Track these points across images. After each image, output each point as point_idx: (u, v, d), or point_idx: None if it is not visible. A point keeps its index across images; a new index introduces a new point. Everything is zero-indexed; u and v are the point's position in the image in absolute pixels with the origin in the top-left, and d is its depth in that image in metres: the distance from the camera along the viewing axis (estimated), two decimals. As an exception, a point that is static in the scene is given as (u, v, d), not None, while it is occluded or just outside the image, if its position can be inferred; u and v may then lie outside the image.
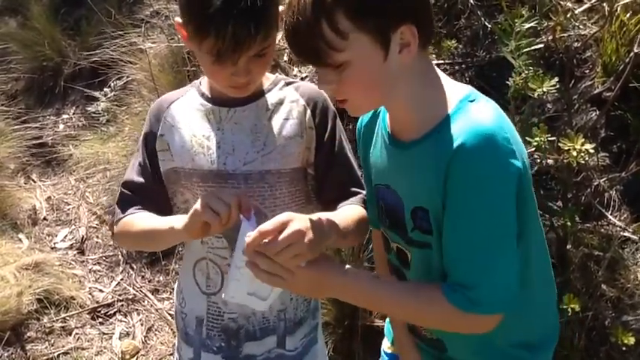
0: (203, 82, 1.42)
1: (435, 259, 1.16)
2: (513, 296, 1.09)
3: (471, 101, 1.10)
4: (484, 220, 1.06)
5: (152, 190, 1.41)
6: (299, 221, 1.10)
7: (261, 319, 1.44)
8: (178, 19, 1.28)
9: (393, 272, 1.32)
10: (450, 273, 1.12)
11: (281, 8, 1.27)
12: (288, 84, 1.42)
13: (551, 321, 1.33)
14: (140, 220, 1.37)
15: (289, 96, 1.40)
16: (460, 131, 1.05)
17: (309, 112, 1.38)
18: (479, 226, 1.06)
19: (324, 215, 1.22)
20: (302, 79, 3.19)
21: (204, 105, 1.39)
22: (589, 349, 2.05)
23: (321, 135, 1.39)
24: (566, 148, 1.42)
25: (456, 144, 1.04)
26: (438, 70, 1.17)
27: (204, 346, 1.47)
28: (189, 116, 1.39)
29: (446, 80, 1.16)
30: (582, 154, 1.39)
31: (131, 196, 1.41)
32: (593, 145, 1.42)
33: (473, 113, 1.07)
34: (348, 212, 1.34)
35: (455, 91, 1.14)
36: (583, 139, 1.41)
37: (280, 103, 1.39)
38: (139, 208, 1.39)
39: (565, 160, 1.48)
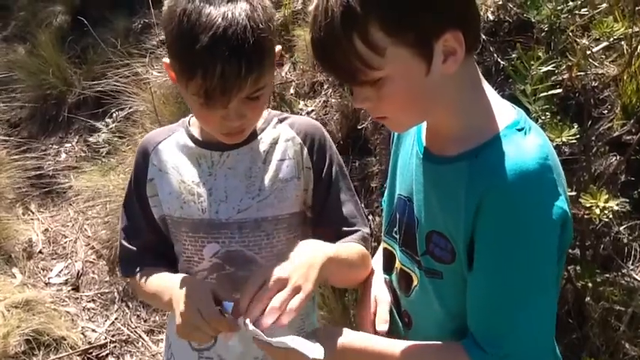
0: (192, 122, 1.31)
1: (443, 291, 1.05)
2: (550, 348, 1.00)
3: (520, 130, 0.98)
4: (521, 271, 0.96)
5: (151, 246, 1.31)
6: (276, 271, 1.03)
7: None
8: (166, 60, 1.18)
9: (390, 295, 1.20)
10: (475, 326, 1.00)
11: (278, 47, 1.17)
12: (281, 120, 1.31)
13: None
14: (149, 282, 1.28)
15: (284, 134, 1.29)
16: (501, 163, 0.94)
17: (305, 150, 1.27)
18: (515, 276, 0.96)
19: (310, 242, 1.14)
20: (308, 113, 3.11)
21: (194, 148, 1.28)
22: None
23: (319, 174, 1.27)
24: (589, 205, 1.30)
25: (494, 177, 0.93)
26: (485, 82, 1.04)
27: None
28: (176, 160, 1.29)
29: (493, 95, 1.04)
30: (606, 211, 1.27)
31: (134, 253, 1.32)
32: (617, 202, 1.30)
33: (519, 146, 0.96)
34: (346, 245, 1.23)
35: (503, 112, 1.02)
36: (607, 196, 1.29)
37: (275, 142, 1.28)
38: (148, 263, 1.31)
39: (587, 216, 1.35)
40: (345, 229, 1.27)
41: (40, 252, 3.36)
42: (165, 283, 1.23)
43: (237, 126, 1.17)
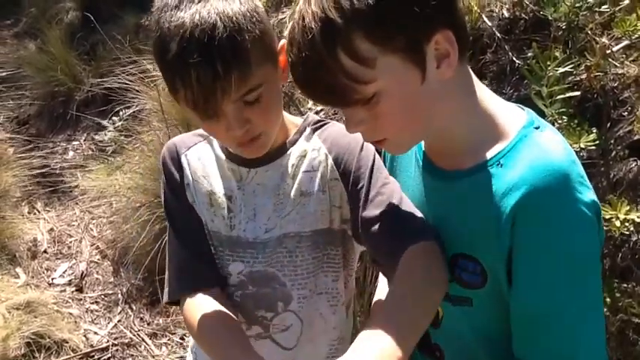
0: None
1: (475, 319, 0.96)
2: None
3: (536, 128, 0.91)
4: (576, 284, 0.87)
5: (207, 257, 1.18)
6: None
7: None
8: None
9: None
10: (530, 351, 0.91)
11: (283, 41, 1.02)
12: (314, 130, 1.17)
13: None
14: (217, 337, 1.11)
15: (312, 144, 1.16)
16: (530, 168, 0.86)
17: (330, 160, 1.13)
18: (571, 291, 0.88)
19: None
20: (317, 113, 3.03)
21: (224, 160, 1.17)
22: None
23: (349, 185, 1.12)
24: (608, 217, 1.21)
25: (526, 184, 0.86)
26: (484, 87, 0.96)
27: None
28: (207, 169, 1.18)
29: (496, 99, 0.96)
30: (627, 223, 1.18)
31: (186, 276, 1.18)
32: (639, 214, 1.21)
33: (542, 145, 0.89)
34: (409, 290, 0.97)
35: (512, 113, 0.94)
36: (628, 207, 1.20)
37: (304, 155, 1.15)
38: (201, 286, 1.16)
39: (605, 227, 1.26)
40: (408, 243, 1.03)
41: (45, 251, 3.32)
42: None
43: (244, 134, 1.04)
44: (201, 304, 1.14)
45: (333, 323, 1.21)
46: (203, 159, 1.19)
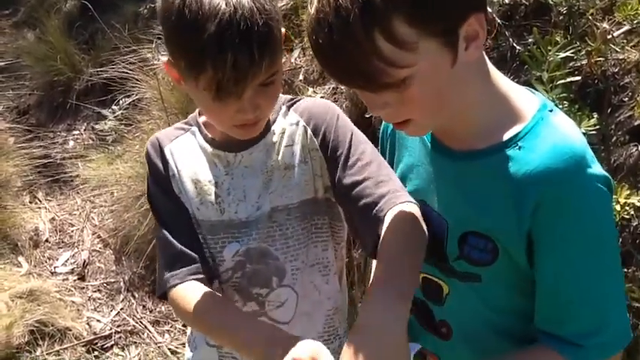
0: (203, 120, 1.23)
1: (486, 293, 0.98)
2: (630, 332, 0.96)
3: (550, 111, 0.93)
4: (600, 254, 0.93)
5: (195, 251, 1.18)
6: None
7: None
8: (164, 58, 1.09)
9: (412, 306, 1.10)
10: (559, 323, 0.95)
11: (283, 30, 1.07)
12: (289, 107, 1.23)
13: None
14: (209, 311, 1.13)
15: (290, 119, 1.21)
16: (551, 150, 0.88)
17: (309, 131, 1.19)
18: (599, 266, 0.93)
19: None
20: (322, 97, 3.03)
21: (208, 148, 1.20)
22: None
23: (328, 152, 1.17)
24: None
25: (547, 166, 0.88)
26: (495, 69, 0.97)
27: None
28: (191, 159, 1.21)
29: (510, 83, 0.98)
30: (627, 207, 1.19)
31: (175, 269, 1.17)
32: (639, 198, 1.22)
33: (559, 128, 0.91)
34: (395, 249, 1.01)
35: (525, 96, 0.96)
36: (628, 191, 1.20)
37: (283, 132, 1.20)
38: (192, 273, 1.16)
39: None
40: (377, 204, 1.08)
41: (47, 241, 3.33)
42: (242, 331, 1.07)
43: (253, 117, 1.08)
44: (193, 290, 1.15)
45: (327, 294, 1.24)
46: (187, 150, 1.21)
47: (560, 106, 1.42)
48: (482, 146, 0.94)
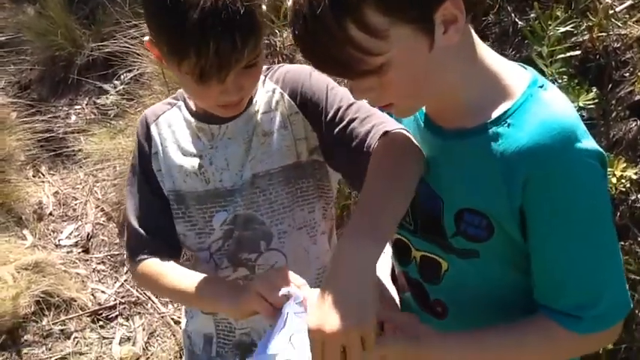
0: (188, 94, 1.26)
1: (484, 269, 1.00)
2: (629, 303, 0.98)
3: (541, 87, 0.93)
4: (592, 228, 0.94)
5: (162, 227, 1.26)
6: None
7: None
8: (146, 38, 1.10)
9: (408, 288, 1.13)
10: (555, 297, 0.97)
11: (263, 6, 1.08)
12: (265, 76, 1.24)
13: None
14: (169, 275, 1.21)
15: (267, 87, 1.23)
16: (540, 127, 0.89)
17: (286, 97, 1.21)
18: (593, 237, 0.94)
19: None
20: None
21: (193, 122, 1.24)
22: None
23: (312, 110, 1.19)
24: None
25: (537, 144, 0.88)
26: (485, 46, 0.97)
27: None
28: (177, 133, 1.25)
29: (500, 59, 0.98)
30: (623, 180, 1.21)
31: (145, 237, 1.26)
32: (636, 170, 1.24)
33: (549, 104, 0.91)
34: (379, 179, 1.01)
35: (516, 72, 0.96)
36: (624, 164, 1.22)
37: (262, 98, 1.22)
38: (157, 249, 1.25)
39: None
40: (364, 142, 1.10)
41: (51, 214, 3.36)
42: (203, 284, 1.15)
43: (237, 98, 1.11)
44: (160, 262, 1.23)
45: (316, 254, 1.27)
46: (173, 125, 1.25)
47: (560, 81, 1.43)
48: (472, 125, 0.95)
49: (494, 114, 0.93)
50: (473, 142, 0.95)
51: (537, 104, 0.91)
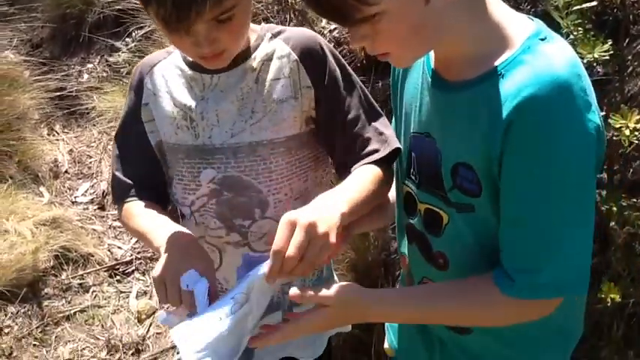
0: None
1: (477, 225, 1.00)
2: (584, 279, 0.93)
3: (542, 39, 0.91)
4: (560, 194, 0.89)
5: (145, 176, 1.27)
6: (302, 217, 0.95)
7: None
8: None
9: (414, 240, 1.15)
10: (505, 254, 0.96)
11: None
12: (275, 35, 1.22)
13: (578, 308, 1.17)
14: (142, 217, 1.23)
15: (278, 50, 1.20)
16: (530, 77, 0.87)
17: (302, 67, 1.19)
18: (551, 196, 0.90)
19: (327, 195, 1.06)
20: (330, 32, 3.00)
21: (186, 71, 1.22)
22: (628, 338, 1.90)
23: (320, 91, 1.19)
24: (618, 126, 1.24)
25: (524, 93, 0.87)
26: None
27: None
28: (170, 83, 1.23)
29: (505, 10, 0.96)
30: (637, 132, 1.20)
31: (126, 184, 1.27)
32: (649, 122, 1.23)
33: (546, 56, 0.89)
34: (359, 176, 1.15)
35: (520, 25, 0.94)
36: (638, 116, 1.22)
37: (269, 59, 1.19)
38: (141, 196, 1.27)
39: (615, 138, 1.29)
40: (365, 149, 1.20)
41: (66, 172, 3.41)
42: (158, 231, 1.15)
43: (209, 51, 1.08)
44: (140, 204, 1.25)
45: None
46: (166, 75, 1.23)
47: (575, 33, 1.41)
48: (472, 76, 0.95)
49: (493, 65, 0.93)
50: (471, 93, 0.95)
51: (534, 56, 0.90)
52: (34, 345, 2.52)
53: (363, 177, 1.15)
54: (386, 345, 1.41)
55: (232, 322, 0.96)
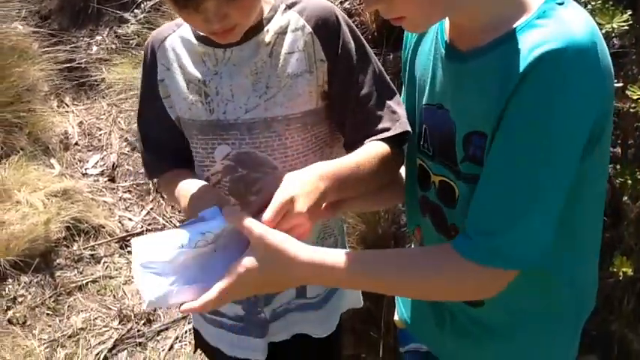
0: None
1: None
2: (541, 253, 0.89)
3: (560, 4, 0.89)
4: (541, 149, 0.86)
5: (172, 150, 1.28)
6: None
7: None
8: None
9: (427, 213, 1.15)
10: (471, 215, 0.93)
11: None
12: (290, 6, 1.19)
13: (592, 273, 1.15)
14: (171, 185, 1.25)
15: (293, 22, 1.17)
16: (547, 36, 0.85)
17: (317, 40, 1.16)
18: (532, 156, 0.86)
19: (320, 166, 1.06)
20: (341, 3, 2.96)
21: (197, 45, 1.19)
22: (639, 312, 1.90)
23: (335, 65, 1.17)
24: (635, 97, 1.21)
25: (539, 50, 0.84)
26: None
27: None
28: (182, 58, 1.20)
29: None
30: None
31: (156, 162, 1.30)
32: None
33: (563, 20, 0.86)
34: (362, 152, 1.14)
35: None
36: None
37: (283, 32, 1.17)
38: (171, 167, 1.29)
39: (632, 110, 1.27)
40: (377, 127, 1.18)
41: (76, 144, 3.41)
42: (182, 191, 1.19)
43: (220, 27, 1.06)
44: (172, 173, 1.27)
45: None
46: (177, 49, 1.21)
47: (593, 3, 1.38)
48: (486, 43, 0.94)
49: (507, 30, 0.91)
50: (484, 59, 0.94)
51: (551, 20, 0.88)
52: (48, 314, 2.56)
53: (369, 153, 1.14)
54: (396, 317, 1.41)
55: (191, 255, 0.95)
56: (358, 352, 2.19)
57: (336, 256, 0.97)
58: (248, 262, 0.95)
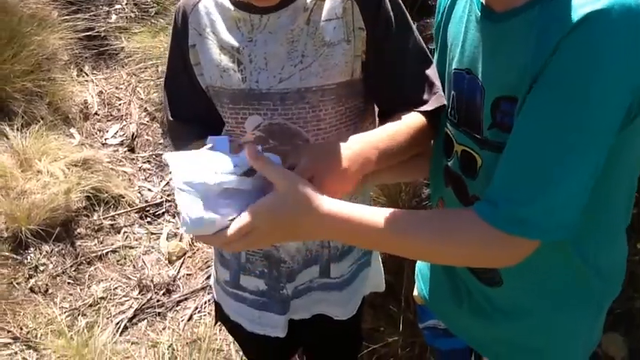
0: None
1: None
2: (572, 224, 0.85)
3: None
4: (575, 112, 0.81)
5: (200, 118, 1.24)
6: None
7: (305, 252, 1.30)
8: None
9: (450, 183, 1.12)
10: (497, 180, 0.88)
11: None
12: None
13: (620, 255, 1.12)
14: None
15: None
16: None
17: (356, 7, 1.11)
18: (565, 119, 0.81)
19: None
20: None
21: (232, 11, 1.14)
22: (665, 291, 1.85)
23: (374, 34, 1.12)
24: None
25: (581, 12, 0.78)
26: None
27: (244, 269, 1.35)
28: (215, 24, 1.16)
29: None
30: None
31: (183, 131, 1.26)
32: None
33: None
34: (401, 124, 1.11)
35: None
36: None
37: (327, 3, 1.11)
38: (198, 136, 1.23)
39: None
40: (407, 98, 1.14)
41: (96, 114, 3.41)
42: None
43: None
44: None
45: None
46: (211, 14, 1.16)
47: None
48: (521, 3, 0.90)
49: None
50: (520, 19, 0.89)
51: None
52: (69, 283, 2.58)
53: (407, 125, 1.11)
54: (415, 293, 1.39)
55: (232, 185, 0.90)
56: (377, 326, 2.18)
57: (366, 212, 0.92)
58: (271, 199, 0.90)
